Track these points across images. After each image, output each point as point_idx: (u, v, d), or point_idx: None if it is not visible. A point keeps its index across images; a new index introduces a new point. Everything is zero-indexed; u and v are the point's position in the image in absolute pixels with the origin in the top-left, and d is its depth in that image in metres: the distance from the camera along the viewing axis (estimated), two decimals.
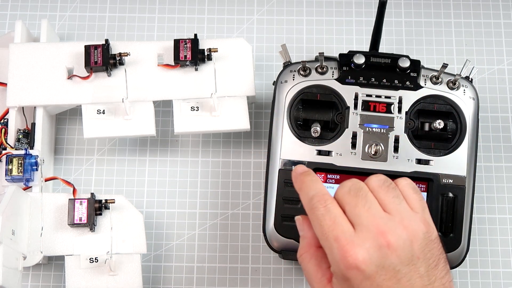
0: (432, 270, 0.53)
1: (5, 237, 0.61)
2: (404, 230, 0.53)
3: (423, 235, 0.54)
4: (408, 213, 0.54)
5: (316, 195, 0.54)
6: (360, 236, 0.52)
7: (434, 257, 0.54)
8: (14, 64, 0.72)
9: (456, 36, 0.81)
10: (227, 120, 0.72)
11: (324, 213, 0.53)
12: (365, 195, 0.54)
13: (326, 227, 0.53)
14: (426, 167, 0.67)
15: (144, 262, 0.72)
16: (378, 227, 0.53)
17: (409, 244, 0.53)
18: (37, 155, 0.70)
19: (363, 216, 0.53)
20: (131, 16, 0.82)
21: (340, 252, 0.52)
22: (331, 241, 0.52)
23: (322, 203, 0.54)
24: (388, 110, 0.68)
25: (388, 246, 0.52)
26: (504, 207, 0.75)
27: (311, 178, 0.56)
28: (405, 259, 0.52)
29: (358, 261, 0.51)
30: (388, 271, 0.52)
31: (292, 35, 0.81)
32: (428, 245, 0.54)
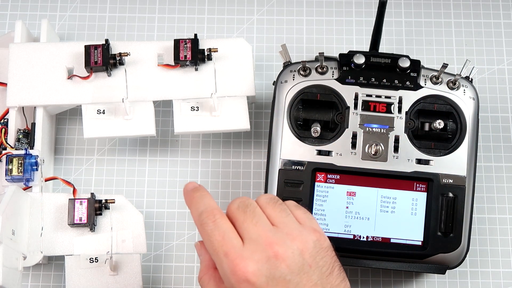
0: (326, 277, 0.54)
1: (5, 237, 0.61)
2: (293, 241, 0.54)
3: (313, 243, 0.54)
4: (295, 225, 0.55)
5: (205, 211, 0.55)
6: (249, 249, 0.53)
7: (327, 264, 0.54)
8: (14, 64, 0.72)
9: (456, 36, 0.82)
10: (227, 120, 0.72)
11: (213, 229, 0.54)
12: (253, 211, 0.55)
13: (216, 243, 0.53)
14: (426, 167, 0.67)
15: (144, 262, 0.72)
16: (266, 239, 0.53)
17: (298, 253, 0.53)
18: (37, 155, 0.70)
19: (251, 230, 0.54)
20: (131, 16, 0.82)
21: (230, 266, 0.52)
22: (221, 256, 0.53)
23: (211, 218, 0.54)
24: (388, 110, 0.68)
25: (276, 256, 0.52)
26: (504, 207, 0.75)
27: (200, 194, 0.56)
28: (296, 268, 0.53)
29: (248, 274, 0.52)
30: (279, 281, 0.52)
31: (292, 35, 0.81)
32: (319, 253, 0.54)
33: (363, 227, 0.66)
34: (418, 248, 0.66)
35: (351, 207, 0.67)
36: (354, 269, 0.73)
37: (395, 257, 0.66)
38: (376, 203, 0.67)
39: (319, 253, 0.54)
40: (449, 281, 0.73)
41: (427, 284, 0.73)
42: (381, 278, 0.72)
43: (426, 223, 0.66)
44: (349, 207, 0.67)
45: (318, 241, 0.55)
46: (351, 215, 0.67)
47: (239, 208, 0.55)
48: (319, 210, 0.67)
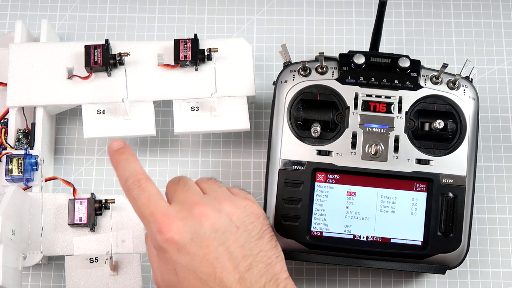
0: (255, 241, 0.54)
1: (5, 237, 0.61)
2: (220, 203, 0.55)
3: (243, 208, 0.55)
4: (226, 193, 0.57)
5: (131, 176, 0.55)
6: (175, 209, 0.54)
7: (256, 229, 0.55)
8: (14, 64, 0.72)
9: (456, 36, 0.82)
10: (227, 120, 0.72)
11: (138, 193, 0.55)
12: (185, 182, 0.56)
13: (142, 206, 0.54)
14: (426, 167, 0.67)
15: (144, 262, 0.72)
16: (193, 201, 0.54)
17: (225, 214, 0.54)
18: (37, 155, 0.70)
19: (181, 195, 0.55)
20: (131, 16, 0.82)
21: (156, 226, 0.53)
22: (148, 217, 0.54)
23: (137, 183, 0.55)
24: (388, 110, 0.68)
25: (202, 215, 0.53)
26: (504, 207, 0.75)
27: (125, 157, 0.57)
28: (221, 227, 0.54)
29: (172, 232, 0.53)
30: (204, 239, 0.53)
31: (292, 35, 0.81)
32: (249, 217, 0.55)
33: (363, 227, 0.66)
34: (418, 248, 0.66)
35: (351, 207, 0.67)
36: (354, 269, 0.73)
37: (395, 257, 0.66)
38: (376, 203, 0.67)
39: (248, 217, 0.55)
40: (449, 281, 0.73)
41: (427, 284, 0.73)
42: (381, 278, 0.72)
43: (426, 223, 0.66)
44: (349, 207, 0.67)
45: (248, 206, 0.56)
46: (351, 215, 0.67)
47: (173, 181, 0.57)
48: (319, 210, 0.67)
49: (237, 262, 0.53)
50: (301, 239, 0.66)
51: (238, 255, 0.53)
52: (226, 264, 0.53)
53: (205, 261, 0.53)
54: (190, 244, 0.53)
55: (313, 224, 0.67)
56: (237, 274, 0.53)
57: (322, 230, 0.67)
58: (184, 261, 0.53)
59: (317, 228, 0.66)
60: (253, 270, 0.53)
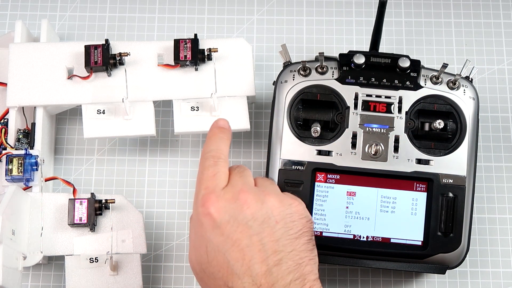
0: (291, 239, 0.55)
1: (5, 237, 0.61)
2: (266, 196, 0.56)
3: (288, 206, 0.56)
4: (276, 190, 0.59)
5: (215, 151, 0.58)
6: (225, 191, 0.56)
7: (296, 228, 0.56)
8: (14, 64, 0.72)
9: (456, 36, 0.82)
10: (227, 120, 0.72)
11: (210, 165, 0.57)
12: (242, 170, 0.58)
13: (205, 177, 0.56)
14: (426, 167, 0.67)
15: (144, 262, 0.72)
16: (242, 188, 0.56)
17: (267, 207, 0.55)
18: (37, 155, 0.70)
19: (234, 179, 0.57)
20: (131, 16, 0.82)
21: (202, 199, 0.55)
22: (202, 188, 0.56)
23: (215, 158, 0.57)
24: (388, 110, 0.68)
25: (245, 202, 0.55)
26: (504, 207, 0.75)
27: (221, 136, 0.60)
28: (260, 217, 0.54)
29: (213, 209, 0.54)
30: (240, 224, 0.54)
31: (292, 35, 0.81)
32: (292, 215, 0.56)
33: (363, 227, 0.66)
34: (418, 248, 0.66)
35: (351, 207, 0.67)
36: (354, 269, 0.73)
37: (395, 257, 0.66)
38: (376, 203, 0.67)
39: (291, 216, 0.56)
40: (449, 281, 0.73)
41: (427, 284, 0.73)
42: (381, 278, 0.73)
43: (426, 223, 0.66)
44: (349, 207, 0.67)
45: (294, 205, 0.57)
46: (351, 215, 0.67)
47: (232, 167, 0.59)
48: (319, 210, 0.67)
49: (267, 255, 0.54)
50: None
51: (269, 248, 0.54)
52: (256, 254, 0.53)
53: (236, 246, 0.53)
54: (225, 225, 0.54)
55: (313, 224, 0.66)
56: (264, 267, 0.53)
57: (322, 230, 0.67)
58: (216, 240, 0.54)
59: (317, 228, 0.66)
60: (281, 266, 0.54)
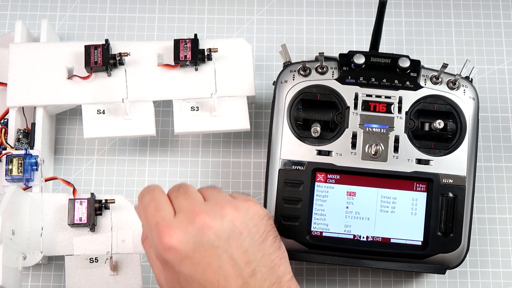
0: (258, 245, 0.54)
1: (5, 237, 0.61)
2: (222, 209, 0.54)
3: (245, 211, 0.55)
4: (227, 198, 0.56)
5: (147, 188, 0.56)
6: (178, 219, 0.53)
7: (260, 232, 0.55)
8: (14, 64, 0.72)
9: (456, 36, 0.82)
10: (227, 120, 0.72)
11: (149, 201, 0.55)
12: (186, 188, 0.56)
13: (149, 214, 0.54)
14: (426, 167, 0.67)
15: (144, 262, 0.72)
16: (196, 210, 0.54)
17: (228, 220, 0.54)
18: (37, 155, 0.70)
19: (183, 203, 0.55)
20: (131, 16, 0.82)
21: (158, 235, 0.53)
22: (152, 226, 0.54)
23: (150, 192, 0.56)
24: (388, 110, 0.68)
25: (204, 224, 0.53)
26: (504, 207, 0.75)
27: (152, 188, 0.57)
28: (224, 234, 0.53)
29: (174, 242, 0.52)
30: (207, 248, 0.53)
31: (292, 35, 0.81)
32: (252, 219, 0.55)
33: (363, 227, 0.66)
34: (418, 248, 0.66)
35: (351, 207, 0.67)
36: (354, 269, 0.73)
37: (395, 257, 0.66)
38: (376, 203, 0.67)
39: (251, 220, 0.55)
40: (449, 281, 0.73)
41: (427, 284, 0.73)
42: (381, 278, 0.72)
43: (426, 223, 0.66)
44: (349, 207, 0.67)
45: (250, 208, 0.55)
46: (351, 215, 0.67)
47: (173, 189, 0.57)
48: (319, 210, 0.67)
49: (240, 268, 0.53)
50: (301, 239, 0.66)
51: (241, 261, 0.53)
52: (230, 271, 0.53)
53: (208, 270, 0.52)
54: (192, 254, 0.52)
55: (313, 224, 0.67)
56: (240, 280, 0.53)
57: (322, 230, 0.67)
58: (187, 270, 0.53)
59: (317, 228, 0.66)
60: (256, 275, 0.53)
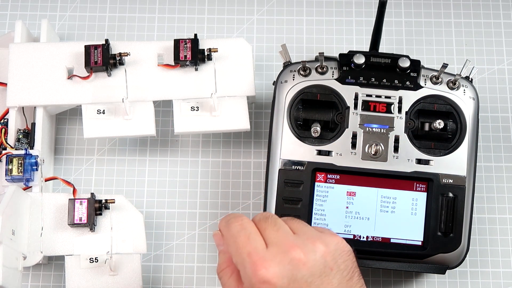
0: (346, 281, 0.54)
1: (5, 237, 0.61)
2: (314, 244, 0.54)
3: (334, 246, 0.54)
4: (315, 232, 0.56)
5: (234, 215, 0.56)
6: (272, 252, 0.53)
7: (348, 268, 0.54)
8: (14, 64, 0.72)
9: (456, 36, 0.82)
10: (227, 120, 0.72)
11: (239, 230, 0.54)
12: (274, 220, 0.56)
13: (240, 243, 0.54)
14: (426, 167, 0.67)
15: (144, 262, 0.72)
16: (288, 243, 0.53)
17: (320, 256, 0.53)
18: (37, 155, 0.70)
19: (273, 235, 0.54)
20: (131, 16, 0.82)
21: (252, 267, 0.52)
22: (244, 256, 0.53)
23: (239, 220, 0.55)
24: (388, 110, 0.68)
25: (299, 259, 0.53)
26: (504, 207, 0.75)
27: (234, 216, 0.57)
28: (317, 271, 0.53)
29: (269, 276, 0.52)
30: (301, 283, 0.52)
31: (292, 35, 0.81)
32: (341, 255, 0.54)
33: (363, 227, 0.66)
34: (418, 248, 0.66)
35: (351, 207, 0.67)
36: None
37: (395, 257, 0.66)
38: (376, 203, 0.67)
39: (341, 256, 0.54)
40: (449, 281, 0.73)
41: (427, 284, 0.73)
42: (381, 278, 0.72)
43: (426, 223, 0.66)
44: (349, 207, 0.67)
45: (339, 243, 0.55)
46: (351, 215, 0.67)
47: (261, 218, 0.56)
48: (319, 210, 0.67)
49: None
50: None
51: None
52: None
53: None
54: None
55: (313, 224, 0.67)
56: None
57: None
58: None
59: None
60: None
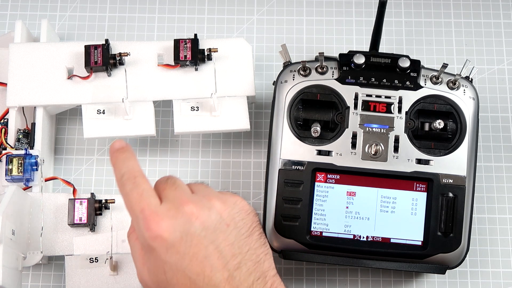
0: (244, 239, 0.54)
1: (5, 237, 0.61)
2: (210, 200, 0.54)
3: (232, 204, 0.55)
4: (214, 192, 0.56)
5: (127, 172, 0.55)
6: (165, 207, 0.53)
7: (246, 226, 0.55)
8: (14, 64, 0.72)
9: (456, 36, 0.82)
10: (227, 120, 0.72)
11: (132, 188, 0.54)
12: (174, 181, 0.56)
13: (134, 201, 0.54)
14: (426, 167, 0.67)
15: None
16: (183, 199, 0.54)
17: (215, 212, 0.54)
18: (37, 155, 0.70)
19: (170, 194, 0.55)
20: (131, 16, 0.82)
21: (145, 223, 0.53)
22: (137, 213, 0.53)
23: (132, 179, 0.55)
24: (388, 110, 0.68)
25: (191, 213, 0.53)
26: (504, 207, 0.75)
27: (125, 156, 0.56)
28: (211, 225, 0.53)
29: (161, 230, 0.52)
30: (194, 237, 0.53)
31: (292, 35, 0.81)
32: (239, 214, 0.55)
33: (363, 227, 0.66)
34: (418, 248, 0.66)
35: (351, 207, 0.67)
36: (354, 269, 0.73)
37: (395, 257, 0.66)
38: (376, 203, 0.67)
39: (239, 214, 0.55)
40: (449, 281, 0.73)
41: (427, 284, 0.73)
42: (381, 278, 0.72)
43: (426, 223, 0.66)
44: (349, 207, 0.67)
45: (237, 202, 0.56)
46: (351, 215, 0.67)
47: (161, 181, 0.56)
48: (319, 210, 0.67)
49: (226, 260, 0.53)
50: (301, 239, 0.66)
51: (227, 253, 0.53)
52: (216, 263, 0.53)
53: (194, 260, 0.52)
54: (179, 243, 0.52)
55: (313, 224, 0.67)
56: (226, 273, 0.53)
57: (322, 230, 0.67)
58: (173, 260, 0.53)
59: (317, 228, 0.66)
60: (242, 269, 0.53)
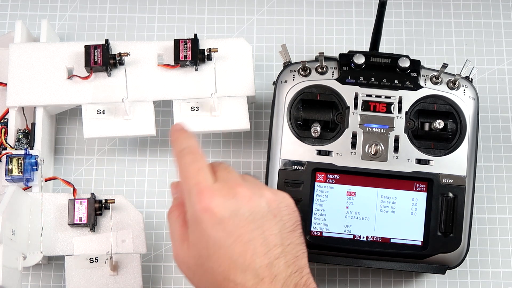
0: (287, 233, 0.55)
1: (5, 237, 0.61)
2: (261, 189, 0.55)
3: (282, 199, 0.56)
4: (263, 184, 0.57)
5: (188, 147, 0.56)
6: (219, 185, 0.54)
7: (291, 222, 0.55)
8: (14, 64, 0.72)
9: (456, 36, 0.82)
10: (227, 120, 0.72)
11: (191, 162, 0.55)
12: (227, 166, 0.57)
13: (191, 173, 0.54)
14: (426, 167, 0.67)
15: (144, 262, 0.72)
16: (236, 182, 0.54)
17: (265, 201, 0.54)
18: (37, 155, 0.70)
19: (224, 175, 0.55)
20: (131, 16, 0.82)
21: (198, 195, 0.53)
22: (192, 185, 0.54)
23: (192, 154, 0.55)
24: (388, 110, 0.68)
25: (244, 196, 0.54)
26: (504, 207, 0.75)
27: (187, 134, 0.57)
28: (259, 212, 0.54)
29: (213, 204, 0.53)
30: (242, 219, 0.53)
31: (292, 35, 0.81)
32: (286, 208, 0.55)
33: (363, 227, 0.66)
34: (418, 248, 0.66)
35: (351, 207, 0.67)
36: (354, 269, 0.73)
37: (395, 257, 0.66)
38: (376, 203, 0.67)
39: (286, 209, 0.55)
40: (449, 281, 0.73)
41: (427, 284, 0.73)
42: (381, 278, 0.73)
43: (426, 223, 0.66)
44: (349, 207, 0.67)
45: (286, 198, 0.56)
46: (351, 215, 0.67)
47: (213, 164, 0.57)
48: (319, 210, 0.67)
49: (268, 248, 0.53)
50: None
51: (271, 242, 0.54)
52: (258, 248, 0.53)
53: (238, 241, 0.53)
54: (227, 221, 0.53)
55: (313, 224, 0.67)
56: (266, 260, 0.53)
57: (322, 230, 0.67)
58: (218, 236, 0.53)
59: (317, 228, 0.66)
60: (281, 259, 0.54)
